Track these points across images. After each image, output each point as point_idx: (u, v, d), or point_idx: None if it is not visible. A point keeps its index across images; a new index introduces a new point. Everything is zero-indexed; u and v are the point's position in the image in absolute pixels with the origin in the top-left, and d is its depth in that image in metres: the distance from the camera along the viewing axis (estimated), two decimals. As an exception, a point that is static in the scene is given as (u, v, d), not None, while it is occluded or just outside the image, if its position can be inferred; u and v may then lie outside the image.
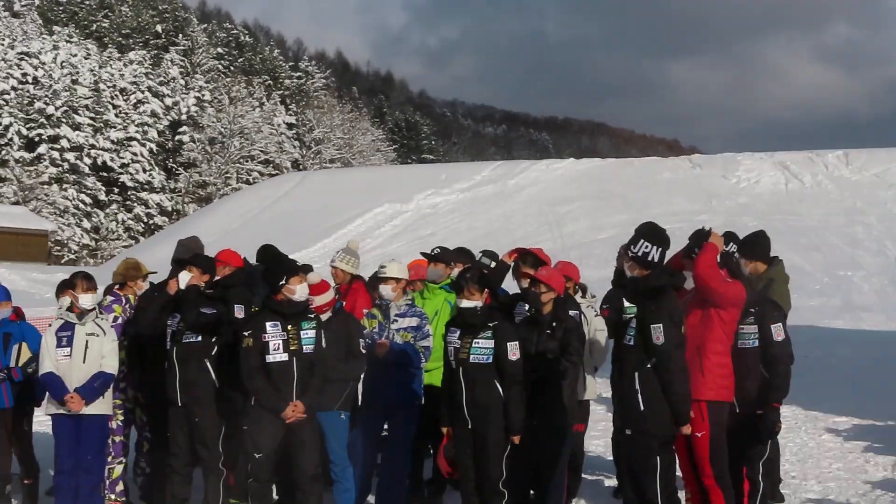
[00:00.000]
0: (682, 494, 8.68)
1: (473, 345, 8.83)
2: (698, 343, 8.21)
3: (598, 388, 10.80)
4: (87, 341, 9.71)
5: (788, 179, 56.98)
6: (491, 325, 8.86)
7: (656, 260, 7.91)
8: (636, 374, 7.80)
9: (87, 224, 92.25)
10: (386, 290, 10.16)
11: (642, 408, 7.75)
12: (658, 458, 7.71)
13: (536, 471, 9.56)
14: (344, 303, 10.48)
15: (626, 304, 10.26)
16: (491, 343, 8.80)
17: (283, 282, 9.08)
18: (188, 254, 10.37)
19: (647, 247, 7.95)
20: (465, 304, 8.91)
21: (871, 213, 47.96)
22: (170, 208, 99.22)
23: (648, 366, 7.74)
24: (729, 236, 9.45)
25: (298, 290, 9.09)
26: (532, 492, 9.79)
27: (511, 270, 10.20)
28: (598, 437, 13.45)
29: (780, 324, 8.80)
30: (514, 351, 8.78)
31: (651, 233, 8.04)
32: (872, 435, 13.45)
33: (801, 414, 14.72)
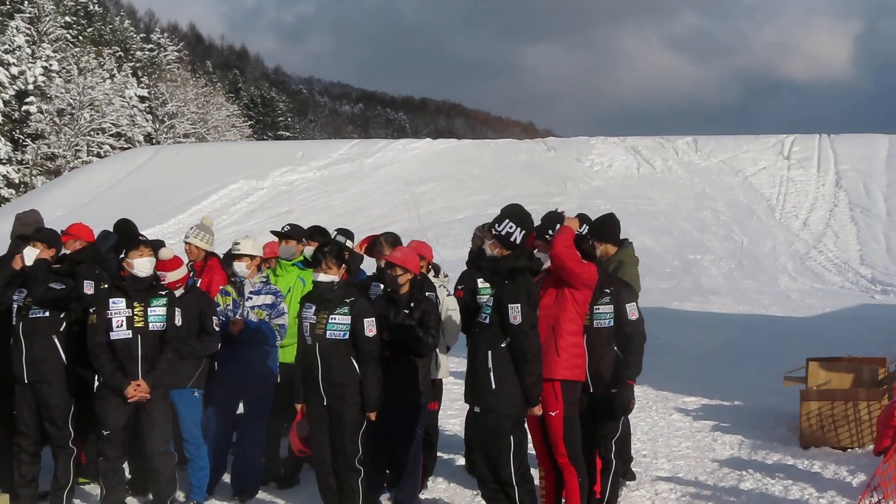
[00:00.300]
0: (535, 472, 8.77)
1: (330, 320, 8.74)
2: (553, 323, 8.27)
3: (450, 367, 10.80)
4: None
5: (640, 164, 58.05)
6: (348, 300, 8.78)
7: (518, 241, 7.96)
8: (489, 352, 7.82)
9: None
10: (240, 267, 10.05)
11: (494, 386, 7.78)
12: (511, 437, 7.75)
13: (392, 449, 9.59)
14: (199, 280, 10.33)
15: (480, 284, 10.32)
16: (348, 319, 8.72)
17: (123, 256, 8.93)
18: (28, 229, 10.06)
19: (511, 227, 7.98)
20: (323, 277, 8.81)
21: (719, 199, 49.19)
22: (17, 180, 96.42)
23: (503, 345, 7.76)
24: (582, 218, 9.55)
25: (138, 265, 8.88)
26: (388, 470, 9.83)
27: (368, 250, 10.20)
28: (455, 416, 13.51)
29: (634, 303, 8.95)
30: (370, 327, 8.72)
31: (516, 214, 8.09)
32: (720, 415, 13.79)
33: (651, 394, 15.02)
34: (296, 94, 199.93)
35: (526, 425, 8.27)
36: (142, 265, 8.92)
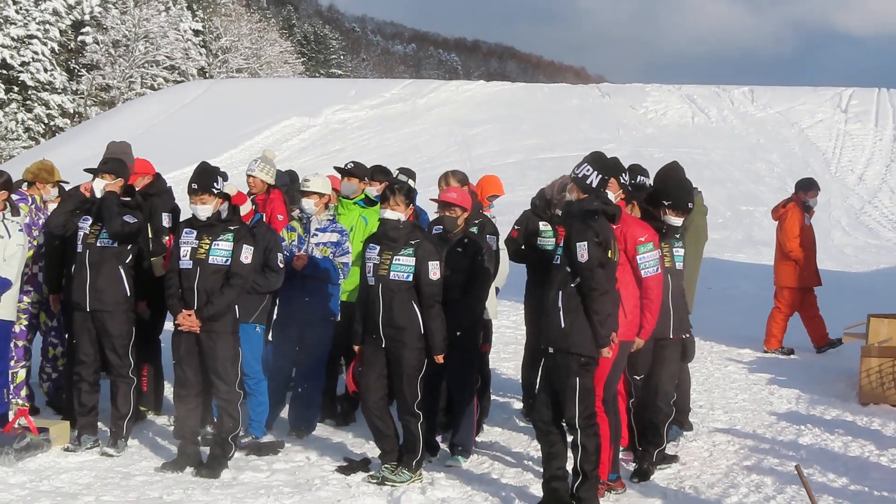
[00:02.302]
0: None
1: (394, 262, 8.68)
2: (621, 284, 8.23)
3: (498, 308, 10.77)
4: (-11, 241, 9.40)
5: (695, 113, 57.47)
6: (413, 242, 8.72)
7: (594, 185, 7.90)
8: (560, 292, 7.79)
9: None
10: (308, 203, 10.02)
11: (563, 326, 7.74)
12: (577, 378, 7.72)
13: (447, 391, 9.60)
14: (263, 214, 10.32)
15: (542, 227, 10.29)
16: (412, 261, 8.66)
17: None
18: (121, 156, 10.01)
19: (588, 170, 7.94)
20: (389, 214, 8.73)
21: (774, 151, 48.64)
22: (72, 110, 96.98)
23: (572, 285, 7.73)
24: (636, 169, 9.47)
25: (197, 211, 8.84)
26: (444, 413, 9.86)
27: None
28: (508, 360, 13.51)
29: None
30: (434, 270, 8.67)
31: (597, 160, 8.04)
32: (776, 368, 13.70)
33: (705, 345, 14.92)
34: (349, 32, 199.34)
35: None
36: (202, 212, 8.85)
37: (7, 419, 9.46)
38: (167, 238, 10.07)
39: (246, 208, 9.49)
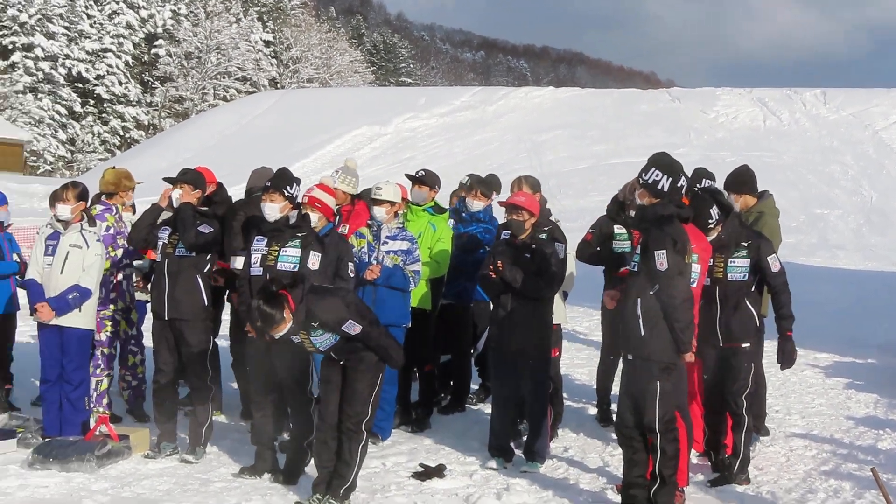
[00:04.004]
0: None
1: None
2: None
3: (568, 314, 10.76)
4: (68, 252, 9.57)
5: (766, 116, 57.03)
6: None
7: (665, 189, 7.87)
8: (638, 299, 7.78)
9: (62, 135, 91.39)
10: (380, 212, 10.06)
11: (642, 333, 7.74)
12: (658, 382, 7.71)
13: (520, 397, 9.60)
14: (346, 226, 10.39)
15: (617, 230, 10.29)
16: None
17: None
18: (261, 182, 9.99)
19: (657, 175, 7.90)
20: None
21: (848, 153, 48.13)
22: (146, 122, 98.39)
23: (651, 292, 7.71)
24: (701, 173, 9.42)
25: (265, 210, 8.91)
26: (519, 419, 9.88)
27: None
28: (582, 365, 13.50)
29: (775, 255, 8.88)
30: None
31: (663, 163, 7.99)
32: (853, 373, 13.56)
33: (781, 349, 14.77)
34: (418, 40, 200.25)
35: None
36: (269, 210, 8.97)
37: (89, 426, 9.63)
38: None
39: (331, 202, 9.57)
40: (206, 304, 9.51)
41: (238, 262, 9.53)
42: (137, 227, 9.72)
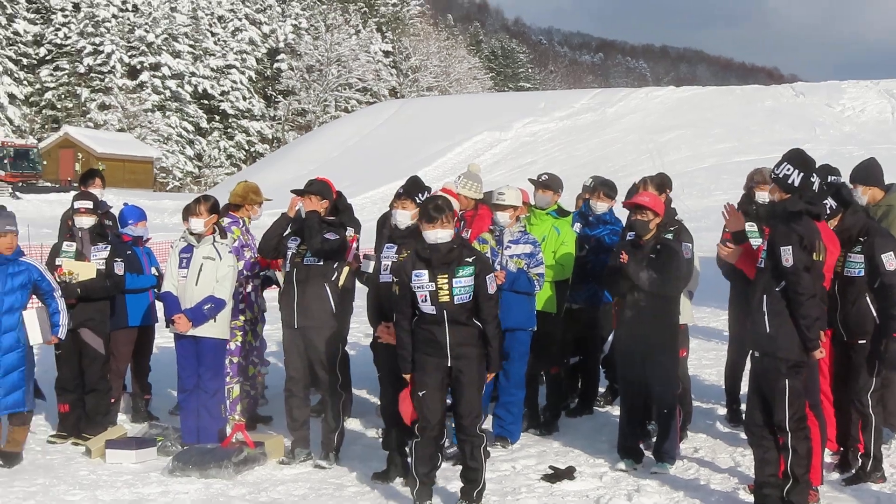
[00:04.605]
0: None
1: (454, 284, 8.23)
2: None
3: (695, 314, 10.66)
4: (202, 264, 9.85)
5: (895, 108, 55.66)
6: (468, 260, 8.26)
7: (797, 184, 7.79)
8: (764, 296, 7.72)
9: (189, 151, 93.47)
10: (503, 216, 10.11)
11: (769, 330, 7.68)
12: (787, 380, 7.64)
13: (649, 398, 9.57)
14: (467, 231, 10.48)
15: (748, 227, 10.21)
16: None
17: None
18: (421, 187, 9.96)
19: (788, 170, 7.82)
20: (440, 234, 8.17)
21: (983, 143, 46.76)
22: (270, 136, 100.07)
23: (777, 289, 7.65)
24: (827, 169, 9.27)
25: (396, 216, 8.90)
26: (647, 420, 9.86)
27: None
28: (710, 366, 13.39)
29: (891, 253, 8.62)
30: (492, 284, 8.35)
31: (796, 158, 7.92)
32: None
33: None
34: (536, 44, 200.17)
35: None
36: (400, 217, 9.09)
37: (225, 434, 9.88)
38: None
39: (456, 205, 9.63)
40: (335, 311, 9.67)
41: (369, 268, 9.70)
42: (267, 238, 9.91)
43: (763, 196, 10.20)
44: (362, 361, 12.13)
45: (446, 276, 8.06)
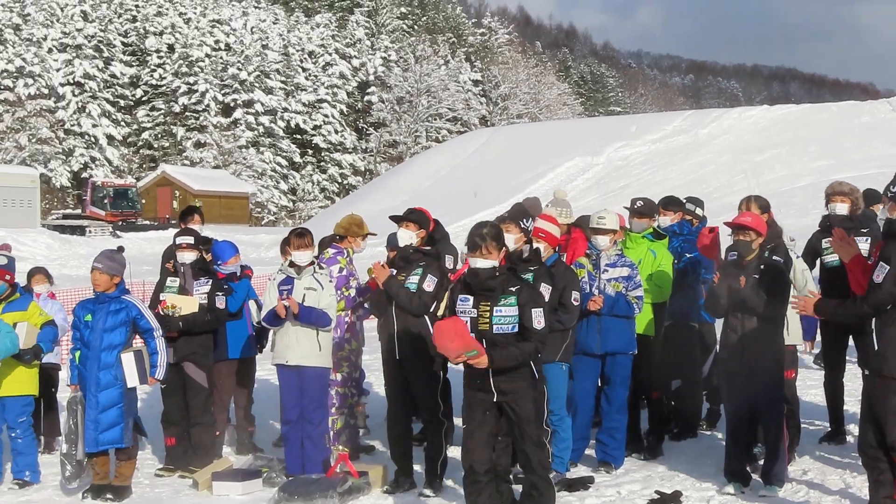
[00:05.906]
0: None
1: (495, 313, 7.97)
2: None
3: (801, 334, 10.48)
4: (304, 295, 9.93)
5: None
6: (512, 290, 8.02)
7: (914, 201, 7.67)
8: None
9: (284, 186, 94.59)
10: (603, 241, 10.10)
11: (877, 348, 7.54)
12: (896, 399, 7.50)
13: (755, 422, 9.44)
14: (563, 254, 10.46)
15: (825, 244, 10.12)
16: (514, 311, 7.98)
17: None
18: (535, 211, 10.11)
19: (903, 186, 7.71)
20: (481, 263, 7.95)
21: None
22: (362, 168, 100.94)
23: (889, 307, 7.51)
24: None
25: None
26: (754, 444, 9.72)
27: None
28: (815, 386, 13.17)
29: None
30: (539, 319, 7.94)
31: None
32: None
33: None
34: (625, 68, 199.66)
35: None
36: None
37: (329, 464, 9.94)
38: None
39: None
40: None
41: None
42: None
43: (842, 208, 10.17)
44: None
45: (489, 304, 7.86)
